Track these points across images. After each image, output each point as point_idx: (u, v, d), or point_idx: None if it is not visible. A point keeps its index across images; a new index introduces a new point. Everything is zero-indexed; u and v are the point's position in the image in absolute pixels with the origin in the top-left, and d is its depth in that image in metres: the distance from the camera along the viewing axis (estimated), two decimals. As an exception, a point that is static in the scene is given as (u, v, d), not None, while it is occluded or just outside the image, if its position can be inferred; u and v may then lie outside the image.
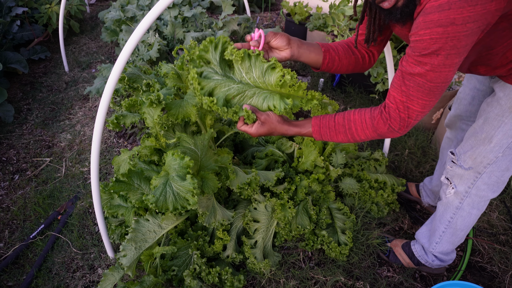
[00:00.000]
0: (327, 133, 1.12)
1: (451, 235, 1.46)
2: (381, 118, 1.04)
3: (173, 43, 2.98)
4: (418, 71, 0.93)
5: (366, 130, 1.07)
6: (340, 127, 1.10)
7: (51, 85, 3.27)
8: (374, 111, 1.06)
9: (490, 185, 1.28)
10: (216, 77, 1.10)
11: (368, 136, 1.09)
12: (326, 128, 1.12)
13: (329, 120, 1.12)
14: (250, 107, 1.10)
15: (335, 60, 1.27)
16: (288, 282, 1.63)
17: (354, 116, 1.09)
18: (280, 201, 1.65)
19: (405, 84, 0.97)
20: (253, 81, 1.11)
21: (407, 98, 0.98)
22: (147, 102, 1.42)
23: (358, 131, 1.09)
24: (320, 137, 1.14)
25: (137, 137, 2.55)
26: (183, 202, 1.24)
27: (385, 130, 1.04)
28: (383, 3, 0.97)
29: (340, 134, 1.11)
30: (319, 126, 1.13)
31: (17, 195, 2.15)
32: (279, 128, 1.13)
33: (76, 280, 1.68)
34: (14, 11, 3.21)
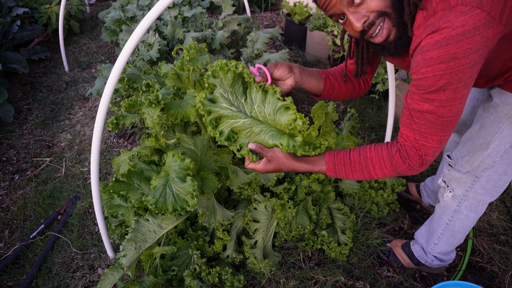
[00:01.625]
0: (342, 170, 1.05)
1: (449, 237, 1.46)
2: (400, 157, 0.98)
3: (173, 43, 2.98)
4: (427, 108, 0.89)
5: (385, 169, 1.01)
6: (357, 165, 1.03)
7: (51, 85, 3.27)
8: (391, 148, 1.00)
9: (488, 189, 1.28)
10: (225, 105, 1.04)
11: (386, 174, 1.02)
12: (341, 166, 1.05)
13: (344, 157, 1.05)
14: (256, 145, 1.04)
15: (335, 87, 1.24)
16: (288, 282, 1.63)
17: (371, 154, 1.02)
18: (280, 201, 1.65)
19: (415, 122, 0.93)
20: (263, 116, 1.04)
21: (421, 136, 0.93)
22: (146, 102, 1.42)
23: (376, 169, 1.02)
24: (335, 175, 1.07)
25: (137, 137, 2.55)
26: (182, 204, 1.24)
27: (404, 169, 0.98)
28: (374, 38, 0.93)
29: (356, 172, 1.04)
30: (333, 164, 1.05)
31: (17, 195, 2.15)
32: (287, 165, 1.06)
33: (76, 280, 1.68)
34: (14, 11, 3.21)
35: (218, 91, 1.03)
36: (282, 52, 2.44)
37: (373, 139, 2.47)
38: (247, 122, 1.04)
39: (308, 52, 3.58)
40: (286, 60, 2.43)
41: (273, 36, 2.69)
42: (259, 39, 2.61)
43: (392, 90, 1.84)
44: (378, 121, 2.62)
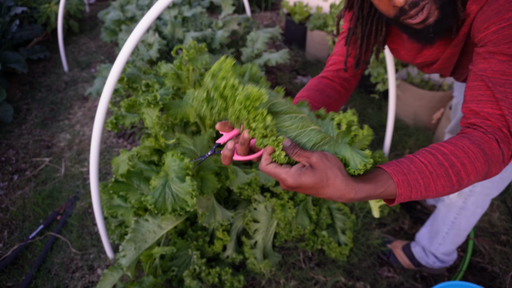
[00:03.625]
0: (419, 180, 0.65)
1: (454, 236, 1.45)
2: (491, 139, 0.69)
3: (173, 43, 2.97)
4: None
5: (477, 162, 0.68)
6: (436, 167, 0.66)
7: (51, 85, 3.27)
8: (472, 135, 0.71)
9: (495, 182, 1.27)
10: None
11: (478, 171, 0.68)
12: (416, 174, 0.66)
13: (412, 163, 0.67)
14: (292, 143, 0.63)
15: (332, 106, 1.03)
16: (288, 282, 1.62)
17: (449, 148, 0.68)
18: (280, 201, 1.65)
19: (499, 91, 0.70)
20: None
21: (508, 110, 0.69)
22: (144, 103, 1.42)
23: (466, 166, 0.67)
24: (409, 192, 0.65)
25: (136, 137, 2.54)
26: (182, 204, 1.23)
27: (499, 157, 0.70)
28: (411, 20, 0.78)
29: (440, 178, 0.66)
30: (404, 174, 0.65)
31: (16, 195, 2.15)
32: (339, 183, 0.61)
33: (75, 281, 1.67)
34: (13, 10, 3.20)
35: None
36: (282, 52, 2.43)
37: (373, 139, 2.46)
38: (282, 101, 0.66)
39: (308, 51, 3.57)
40: (286, 60, 2.42)
41: (273, 35, 2.68)
42: (259, 38, 2.61)
43: (393, 90, 1.84)
44: (378, 121, 2.61)
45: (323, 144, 0.65)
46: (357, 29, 1.01)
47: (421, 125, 2.52)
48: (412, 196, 0.66)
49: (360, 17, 0.99)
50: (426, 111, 2.44)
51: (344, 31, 1.08)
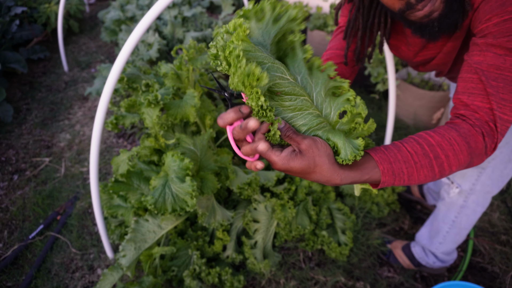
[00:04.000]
0: (403, 170, 0.68)
1: (455, 235, 1.45)
2: (477, 133, 0.71)
3: (172, 42, 2.97)
4: (511, 62, 0.69)
5: (460, 154, 0.70)
6: (422, 157, 0.69)
7: (50, 85, 3.27)
8: (461, 126, 0.72)
9: (494, 179, 1.27)
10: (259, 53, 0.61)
11: (461, 163, 0.71)
12: (401, 163, 0.68)
13: (399, 152, 0.69)
14: (287, 125, 0.63)
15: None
16: (288, 282, 1.62)
17: (436, 139, 0.70)
18: (280, 201, 1.65)
19: (491, 86, 0.71)
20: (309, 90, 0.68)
21: (498, 105, 0.71)
22: (145, 103, 1.42)
23: (450, 158, 0.69)
24: (393, 180, 0.68)
25: (136, 137, 2.54)
26: (181, 204, 1.23)
27: (481, 150, 0.72)
28: (416, 13, 0.77)
29: (423, 168, 0.69)
30: (389, 163, 0.67)
31: (16, 195, 2.15)
32: (326, 169, 0.63)
33: (75, 281, 1.67)
34: (13, 10, 3.20)
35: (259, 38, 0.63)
36: (282, 52, 2.43)
37: (373, 139, 2.46)
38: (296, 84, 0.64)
39: (308, 51, 3.57)
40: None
41: (273, 35, 2.68)
42: (259, 38, 2.60)
43: (393, 90, 1.84)
44: (378, 121, 2.61)
45: (318, 129, 0.66)
46: (357, 21, 0.98)
47: (421, 125, 2.52)
48: (395, 183, 0.69)
49: (361, 7, 0.96)
50: (426, 111, 2.44)
51: (340, 25, 1.05)
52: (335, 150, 0.66)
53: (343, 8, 1.04)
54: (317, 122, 0.66)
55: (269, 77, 0.58)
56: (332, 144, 0.65)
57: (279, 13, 0.61)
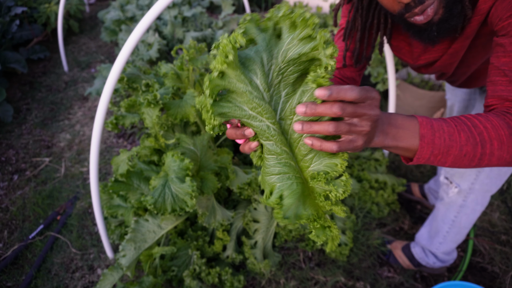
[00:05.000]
0: (443, 127, 0.63)
1: (455, 234, 1.45)
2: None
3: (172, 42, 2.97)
4: None
5: (500, 130, 0.65)
6: (459, 123, 0.65)
7: (50, 85, 3.27)
8: (495, 110, 0.70)
9: (493, 178, 1.27)
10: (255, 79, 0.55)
11: (502, 140, 0.65)
12: (440, 121, 0.64)
13: (444, 124, 0.64)
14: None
15: None
16: (288, 282, 1.62)
17: (471, 114, 0.67)
18: (280, 201, 1.64)
19: None
20: (293, 138, 0.60)
21: None
22: (144, 102, 1.42)
23: (489, 130, 0.64)
24: (432, 134, 0.62)
25: (136, 137, 2.54)
26: (181, 204, 1.23)
27: None
28: (415, 18, 0.76)
29: (463, 132, 0.64)
30: (432, 130, 0.63)
31: (16, 195, 2.15)
32: (382, 121, 0.62)
33: (75, 281, 1.67)
34: (13, 10, 3.20)
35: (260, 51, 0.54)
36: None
37: (373, 139, 2.46)
38: (270, 129, 0.58)
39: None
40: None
41: (273, 35, 2.68)
42: (259, 38, 2.60)
43: (392, 90, 1.84)
44: (378, 121, 2.61)
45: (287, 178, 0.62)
46: (357, 21, 0.97)
47: (421, 125, 2.52)
48: (436, 141, 0.62)
49: (359, 8, 0.95)
50: (426, 111, 2.44)
51: (342, 28, 1.04)
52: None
53: (343, 8, 1.03)
54: (285, 169, 0.61)
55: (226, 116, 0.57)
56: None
57: (310, 34, 0.52)
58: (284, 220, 0.59)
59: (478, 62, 1.00)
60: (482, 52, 0.94)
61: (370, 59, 1.04)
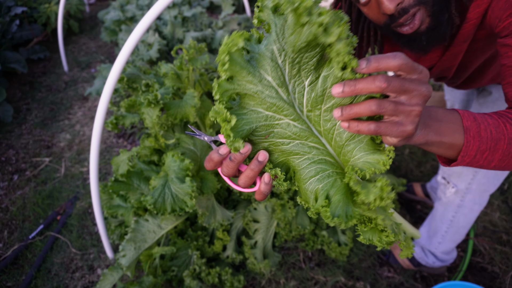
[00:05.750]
0: (487, 119, 0.60)
1: (453, 234, 1.45)
2: None
3: (172, 42, 2.97)
4: None
5: None
6: (497, 117, 0.61)
7: (50, 85, 3.27)
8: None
9: (490, 178, 1.27)
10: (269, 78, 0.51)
11: None
12: (481, 115, 0.60)
13: (486, 117, 0.61)
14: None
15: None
16: (288, 282, 1.62)
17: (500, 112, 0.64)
18: (280, 201, 1.64)
19: None
20: (326, 130, 0.54)
21: None
22: (144, 102, 1.42)
23: None
24: (477, 127, 0.58)
25: (136, 137, 2.54)
26: (181, 204, 1.23)
27: None
28: (401, 28, 0.76)
29: (507, 124, 0.60)
30: (478, 125, 0.58)
31: (16, 195, 2.15)
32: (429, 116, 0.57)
33: (75, 281, 1.67)
34: (13, 10, 3.20)
35: (270, 44, 0.49)
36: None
37: (373, 139, 2.46)
38: (291, 127, 0.53)
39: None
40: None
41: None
42: (259, 38, 2.60)
43: (393, 90, 1.83)
44: (378, 121, 2.61)
45: (332, 188, 0.54)
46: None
47: (421, 125, 2.52)
48: (482, 134, 0.57)
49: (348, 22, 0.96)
50: (426, 111, 2.44)
51: None
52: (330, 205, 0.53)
53: None
54: (321, 165, 0.54)
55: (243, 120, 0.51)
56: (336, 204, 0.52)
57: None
58: (334, 219, 0.51)
59: (476, 64, 1.00)
60: (480, 55, 0.95)
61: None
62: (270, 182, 0.53)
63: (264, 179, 0.53)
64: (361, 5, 0.77)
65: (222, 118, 0.49)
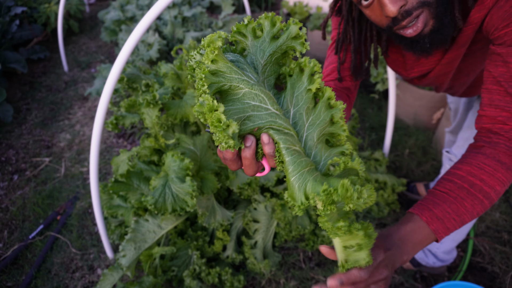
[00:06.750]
0: (447, 210, 0.70)
1: (454, 234, 1.45)
2: (505, 150, 0.72)
3: (172, 42, 2.97)
4: None
5: (497, 173, 0.71)
6: (458, 191, 0.71)
7: (50, 85, 3.27)
8: (485, 151, 0.74)
9: None
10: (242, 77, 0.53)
11: (503, 180, 0.71)
12: (441, 205, 0.71)
13: (434, 198, 0.73)
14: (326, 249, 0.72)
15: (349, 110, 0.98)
16: (288, 282, 1.62)
17: (464, 169, 0.73)
18: (280, 201, 1.65)
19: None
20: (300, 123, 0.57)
21: None
22: (144, 102, 1.42)
23: (486, 181, 0.71)
24: (441, 224, 0.70)
25: (136, 137, 2.54)
26: (181, 204, 1.24)
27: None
28: (404, 31, 0.75)
29: (466, 200, 0.70)
30: (429, 209, 0.71)
31: (16, 195, 2.15)
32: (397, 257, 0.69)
33: (75, 281, 1.67)
34: (13, 10, 3.20)
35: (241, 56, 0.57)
36: (282, 52, 2.43)
37: (373, 139, 2.46)
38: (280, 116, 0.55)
39: (308, 52, 3.57)
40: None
41: (273, 35, 2.68)
42: (259, 38, 2.60)
43: (392, 90, 1.84)
44: (379, 121, 2.61)
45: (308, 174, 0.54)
46: (348, 34, 0.95)
47: (421, 125, 2.52)
48: (449, 226, 0.69)
49: (349, 20, 0.93)
50: (426, 111, 2.44)
51: (334, 42, 1.01)
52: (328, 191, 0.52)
53: (333, 20, 1.01)
54: (305, 163, 0.55)
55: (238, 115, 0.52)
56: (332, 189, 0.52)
57: (279, 30, 0.55)
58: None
59: (476, 69, 0.99)
60: (480, 58, 0.93)
61: (369, 72, 1.02)
62: (270, 140, 0.55)
63: (263, 140, 0.54)
64: (363, 7, 0.76)
65: (208, 108, 0.48)
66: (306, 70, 0.55)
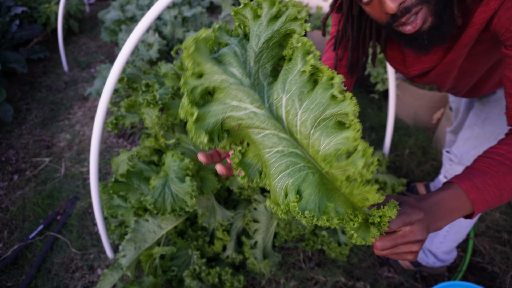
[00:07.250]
0: (487, 182, 0.68)
1: (455, 233, 1.45)
2: None
3: (172, 43, 2.97)
4: None
5: None
6: (499, 166, 0.69)
7: (50, 85, 3.27)
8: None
9: None
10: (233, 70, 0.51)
11: None
12: (482, 176, 0.69)
13: (474, 170, 0.71)
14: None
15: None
16: (288, 282, 1.62)
17: (503, 148, 0.72)
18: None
19: None
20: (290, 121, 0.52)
21: None
22: (144, 102, 1.42)
23: None
24: (480, 194, 0.68)
25: (136, 137, 2.54)
26: (181, 204, 1.23)
27: None
28: (404, 27, 0.76)
29: (507, 175, 0.69)
30: (469, 179, 0.69)
31: (16, 195, 2.15)
32: (432, 222, 0.65)
33: (75, 281, 1.67)
34: (13, 10, 3.20)
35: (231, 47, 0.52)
36: (282, 52, 2.43)
37: (373, 139, 2.46)
38: (259, 116, 0.51)
39: (308, 51, 3.56)
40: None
41: (273, 35, 2.68)
42: (259, 38, 2.60)
43: (392, 90, 1.84)
44: (379, 121, 2.61)
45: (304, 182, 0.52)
46: (347, 31, 0.96)
47: (421, 125, 2.52)
48: (488, 198, 0.67)
49: (349, 17, 0.93)
50: (426, 111, 2.44)
51: (333, 37, 1.03)
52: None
53: (333, 16, 1.01)
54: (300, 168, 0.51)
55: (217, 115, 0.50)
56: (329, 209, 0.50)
57: (278, 11, 0.51)
58: (305, 213, 0.49)
59: (481, 70, 0.99)
60: (485, 59, 0.93)
61: (365, 69, 1.03)
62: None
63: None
64: (363, 4, 0.77)
65: (185, 112, 0.48)
66: (298, 50, 0.49)
